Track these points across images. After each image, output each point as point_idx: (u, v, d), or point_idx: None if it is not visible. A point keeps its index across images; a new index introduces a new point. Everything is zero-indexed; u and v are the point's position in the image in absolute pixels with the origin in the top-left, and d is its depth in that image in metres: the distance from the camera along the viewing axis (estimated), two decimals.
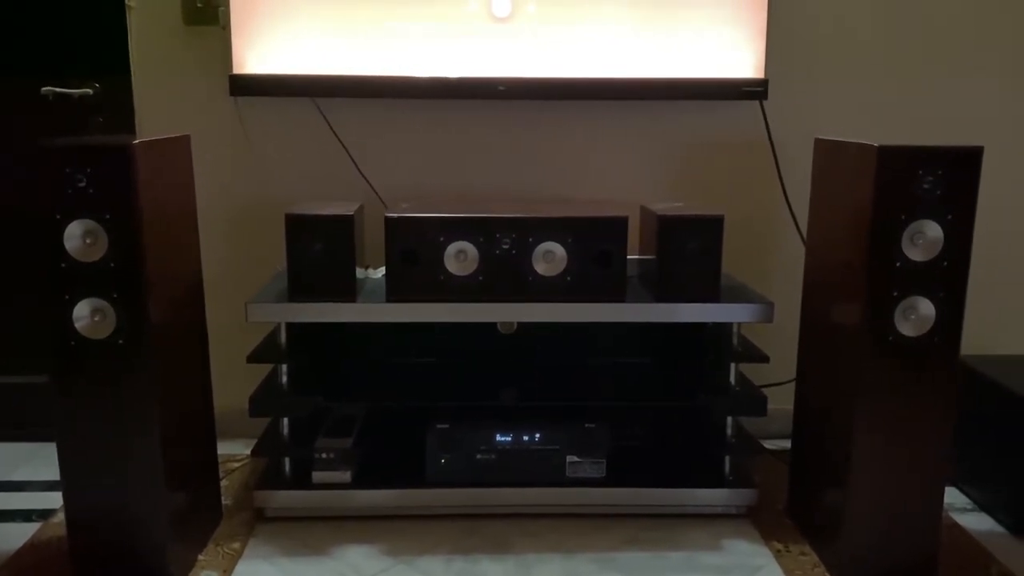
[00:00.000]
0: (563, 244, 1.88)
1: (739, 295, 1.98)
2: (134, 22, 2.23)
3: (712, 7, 2.16)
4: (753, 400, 1.97)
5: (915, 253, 1.62)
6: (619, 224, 1.90)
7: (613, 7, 2.15)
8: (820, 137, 1.85)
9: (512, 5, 2.15)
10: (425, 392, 2.05)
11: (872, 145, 1.60)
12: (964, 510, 2.08)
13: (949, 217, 1.61)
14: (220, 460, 2.09)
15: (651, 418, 2.19)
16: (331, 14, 2.14)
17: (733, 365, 1.99)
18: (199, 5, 2.20)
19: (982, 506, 2.08)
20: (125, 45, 2.24)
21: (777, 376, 2.27)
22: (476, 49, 2.17)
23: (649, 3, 2.16)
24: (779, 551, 1.89)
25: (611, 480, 1.99)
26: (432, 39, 2.16)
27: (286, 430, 1.99)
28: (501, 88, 2.17)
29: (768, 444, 2.27)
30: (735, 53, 2.19)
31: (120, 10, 2.22)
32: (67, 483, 1.66)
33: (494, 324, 2.17)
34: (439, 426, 1.97)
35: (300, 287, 1.88)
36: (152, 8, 2.22)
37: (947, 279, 1.63)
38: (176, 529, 1.72)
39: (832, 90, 2.31)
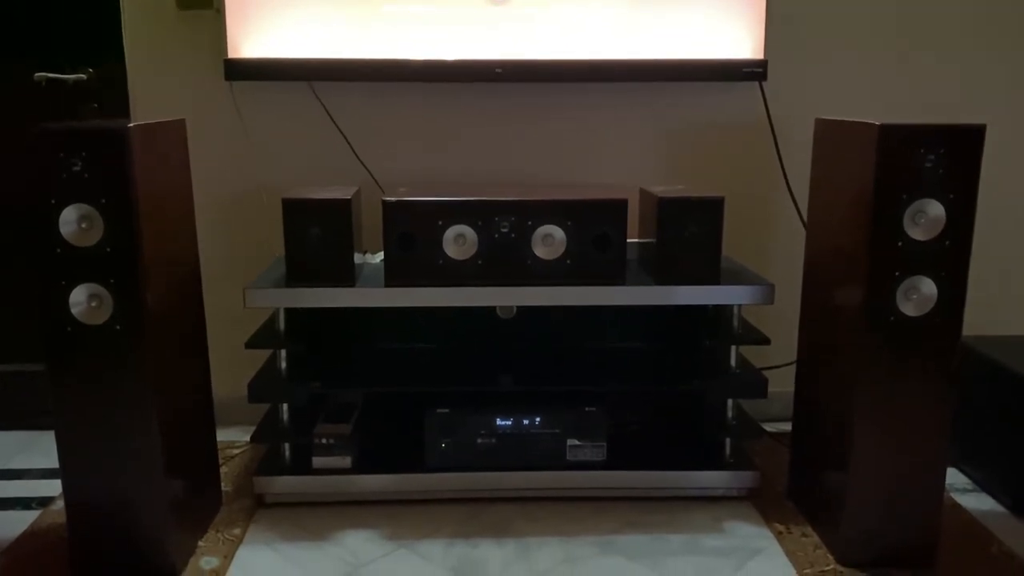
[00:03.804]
0: (562, 227, 1.87)
1: (739, 277, 1.97)
2: (128, 6, 2.21)
3: None
4: (753, 382, 1.96)
5: (917, 232, 1.61)
6: (619, 207, 1.89)
7: None
8: (820, 117, 1.84)
9: None
10: (424, 377, 2.04)
11: (873, 124, 1.58)
12: (964, 490, 2.08)
13: (951, 196, 1.60)
14: (220, 447, 2.10)
15: (651, 401, 2.19)
16: None
17: (733, 347, 1.98)
18: None
19: (982, 486, 2.09)
20: (119, 30, 2.22)
21: (778, 358, 2.27)
22: (473, 32, 2.15)
23: None
24: (780, 533, 1.89)
25: (611, 463, 1.99)
26: (429, 22, 2.14)
27: (285, 416, 1.98)
28: (498, 71, 2.15)
29: (769, 426, 2.27)
30: (734, 34, 2.17)
31: None
32: (66, 470, 1.65)
33: (493, 308, 2.17)
34: (439, 411, 1.97)
35: (298, 272, 1.87)
36: None
37: (949, 258, 1.62)
38: (176, 516, 1.71)
39: (832, 70, 2.29)
